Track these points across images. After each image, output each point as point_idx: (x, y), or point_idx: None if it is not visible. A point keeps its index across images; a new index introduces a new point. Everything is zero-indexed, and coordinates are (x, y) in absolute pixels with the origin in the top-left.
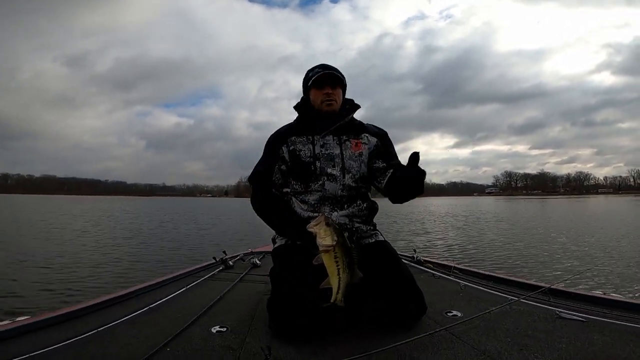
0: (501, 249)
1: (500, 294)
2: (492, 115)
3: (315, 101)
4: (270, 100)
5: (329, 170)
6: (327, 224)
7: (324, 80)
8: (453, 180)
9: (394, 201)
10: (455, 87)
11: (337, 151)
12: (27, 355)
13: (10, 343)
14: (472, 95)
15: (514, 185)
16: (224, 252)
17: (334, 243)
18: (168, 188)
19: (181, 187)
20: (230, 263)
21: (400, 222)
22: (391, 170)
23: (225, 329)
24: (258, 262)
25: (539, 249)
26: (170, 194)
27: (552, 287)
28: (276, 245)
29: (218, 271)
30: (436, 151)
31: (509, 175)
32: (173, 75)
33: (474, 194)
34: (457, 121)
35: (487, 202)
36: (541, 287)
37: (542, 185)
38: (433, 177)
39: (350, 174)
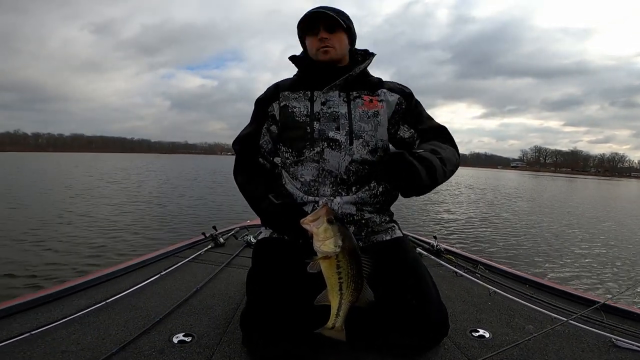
0: (534, 235)
1: (538, 308)
2: (525, 88)
3: (311, 50)
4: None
5: (331, 134)
6: (330, 221)
7: (315, 22)
8: (477, 150)
9: None
10: (487, 58)
11: (344, 110)
12: None
13: None
14: (505, 68)
15: (543, 161)
16: (214, 227)
17: (338, 250)
18: (190, 146)
19: (203, 145)
20: (221, 240)
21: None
22: (419, 141)
23: (190, 339)
24: (252, 239)
25: (582, 239)
26: (192, 151)
27: (606, 302)
28: (260, 237)
29: (205, 250)
30: (462, 120)
31: (538, 150)
32: (197, 39)
33: (498, 167)
34: (486, 92)
35: (510, 177)
36: (593, 301)
37: (572, 163)
38: None
39: (361, 140)
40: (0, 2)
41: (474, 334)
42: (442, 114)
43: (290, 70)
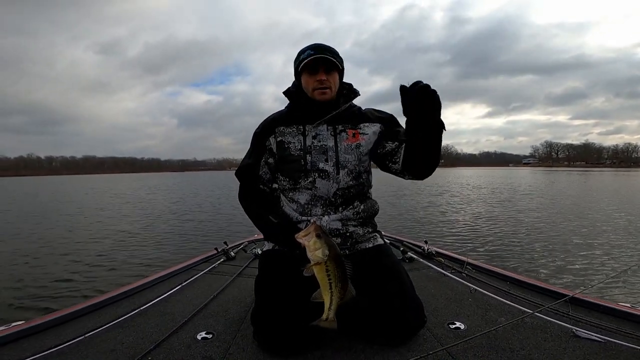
0: (534, 233)
1: (512, 303)
2: (527, 85)
3: (307, 88)
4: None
5: (321, 166)
6: (318, 236)
7: (317, 65)
8: (486, 150)
9: (417, 176)
10: (486, 57)
11: (331, 143)
12: None
13: (5, 350)
14: (505, 66)
15: (555, 156)
16: (225, 242)
17: (325, 258)
18: (199, 163)
19: (211, 161)
20: (232, 254)
21: (420, 198)
22: (404, 145)
23: (211, 336)
24: (259, 252)
25: (583, 234)
26: (201, 168)
27: (574, 295)
28: (264, 249)
29: (219, 263)
30: (468, 121)
31: (549, 145)
32: (201, 55)
33: (510, 165)
34: (489, 91)
35: (522, 175)
36: (562, 295)
37: (586, 156)
38: (464, 146)
39: (346, 170)
40: (9, 24)
41: (450, 326)
42: (448, 115)
43: (291, 79)
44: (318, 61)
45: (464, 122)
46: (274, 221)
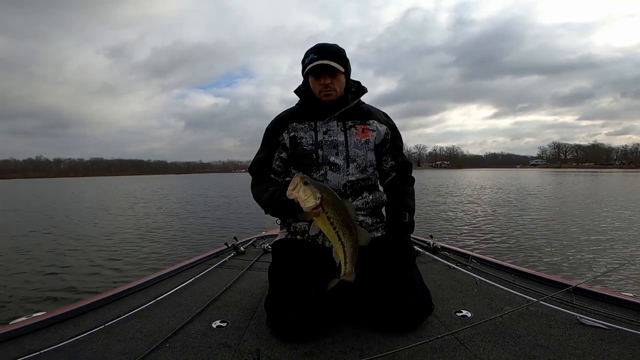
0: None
1: (517, 292)
2: (534, 86)
3: (313, 90)
4: (302, 77)
5: (332, 159)
6: (305, 183)
7: (320, 70)
8: (492, 151)
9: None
10: (491, 58)
11: (342, 138)
12: (36, 353)
13: (26, 339)
14: (511, 67)
15: (563, 157)
16: (235, 238)
17: (318, 202)
18: (205, 165)
19: (217, 163)
20: (242, 249)
21: (430, 194)
22: (394, 174)
23: (225, 324)
24: (269, 247)
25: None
26: (207, 170)
27: (578, 285)
28: (277, 239)
29: (229, 258)
30: (474, 122)
31: (557, 146)
32: (207, 59)
33: (517, 166)
34: (495, 92)
35: (528, 176)
36: (565, 285)
37: (594, 157)
38: (470, 148)
39: (355, 163)
40: (17, 28)
41: (457, 314)
42: (453, 117)
43: (296, 81)
44: (321, 67)
45: (470, 123)
46: (271, 190)
